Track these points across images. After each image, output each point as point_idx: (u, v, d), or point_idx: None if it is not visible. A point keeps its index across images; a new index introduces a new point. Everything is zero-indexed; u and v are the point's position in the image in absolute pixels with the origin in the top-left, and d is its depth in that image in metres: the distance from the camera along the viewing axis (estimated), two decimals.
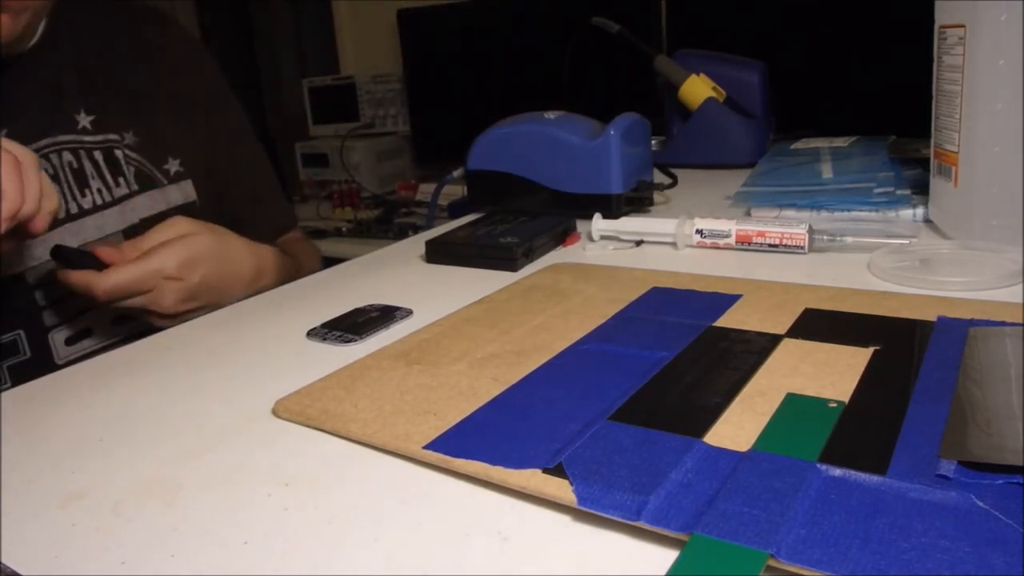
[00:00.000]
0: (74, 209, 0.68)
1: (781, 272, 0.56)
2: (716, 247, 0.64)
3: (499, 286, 0.57)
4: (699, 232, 0.64)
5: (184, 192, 0.76)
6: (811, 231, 0.60)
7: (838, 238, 0.60)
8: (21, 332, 0.66)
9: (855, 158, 0.82)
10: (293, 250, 0.86)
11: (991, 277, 0.50)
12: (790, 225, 0.61)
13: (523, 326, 0.49)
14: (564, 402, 0.38)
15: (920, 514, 0.27)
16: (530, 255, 0.65)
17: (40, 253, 0.66)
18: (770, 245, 0.61)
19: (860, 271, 0.55)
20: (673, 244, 0.65)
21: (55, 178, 0.67)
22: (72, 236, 0.68)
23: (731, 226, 0.63)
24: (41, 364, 0.67)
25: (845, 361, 0.40)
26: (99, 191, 0.70)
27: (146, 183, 0.73)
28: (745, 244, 0.62)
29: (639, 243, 0.67)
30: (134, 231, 0.71)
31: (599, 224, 0.69)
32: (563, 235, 0.70)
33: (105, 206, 0.70)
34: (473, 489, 0.32)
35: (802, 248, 0.60)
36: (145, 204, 0.73)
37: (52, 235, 0.66)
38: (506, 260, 0.63)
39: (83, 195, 0.69)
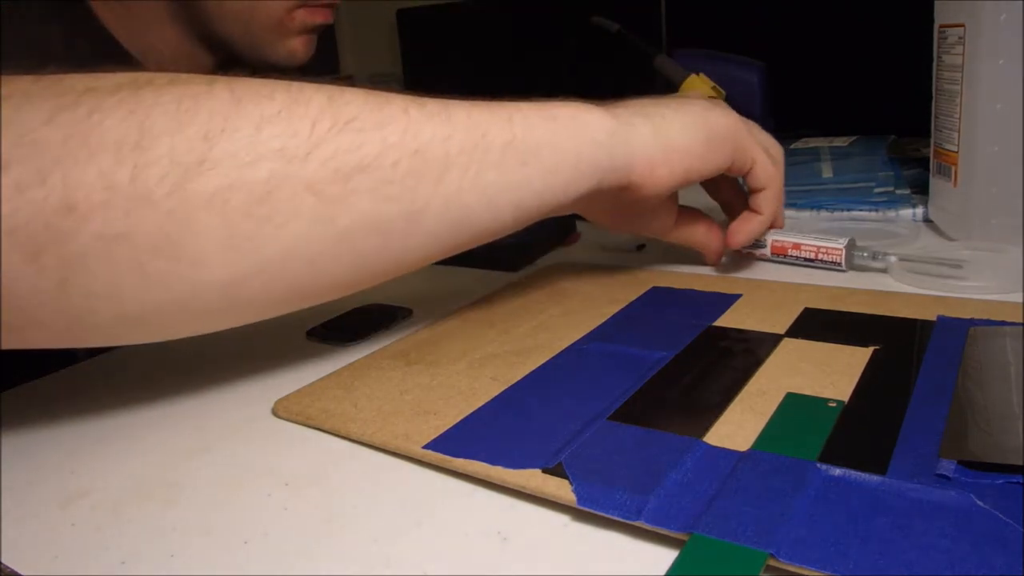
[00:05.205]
0: None
1: (781, 272, 0.56)
2: (751, 256, 0.59)
3: (499, 286, 0.57)
4: None
5: None
6: (850, 246, 0.54)
7: (880, 255, 0.54)
8: None
9: (855, 158, 0.82)
10: None
11: (991, 277, 0.50)
12: (827, 239, 0.55)
13: (523, 326, 0.49)
14: (564, 402, 0.38)
15: (920, 514, 0.27)
16: (530, 255, 0.65)
17: None
18: (805, 259, 0.56)
19: None
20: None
21: None
22: None
23: (767, 236, 0.57)
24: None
25: (845, 361, 0.40)
26: None
27: None
28: (781, 256, 0.57)
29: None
30: None
31: None
32: (563, 235, 0.70)
33: None
34: (473, 489, 0.32)
35: (839, 265, 0.55)
36: None
37: None
38: (506, 260, 0.63)
39: None
